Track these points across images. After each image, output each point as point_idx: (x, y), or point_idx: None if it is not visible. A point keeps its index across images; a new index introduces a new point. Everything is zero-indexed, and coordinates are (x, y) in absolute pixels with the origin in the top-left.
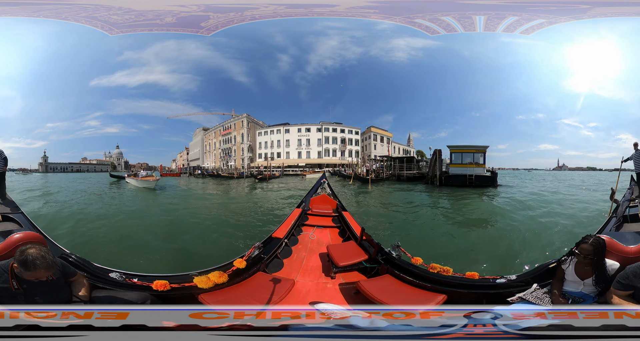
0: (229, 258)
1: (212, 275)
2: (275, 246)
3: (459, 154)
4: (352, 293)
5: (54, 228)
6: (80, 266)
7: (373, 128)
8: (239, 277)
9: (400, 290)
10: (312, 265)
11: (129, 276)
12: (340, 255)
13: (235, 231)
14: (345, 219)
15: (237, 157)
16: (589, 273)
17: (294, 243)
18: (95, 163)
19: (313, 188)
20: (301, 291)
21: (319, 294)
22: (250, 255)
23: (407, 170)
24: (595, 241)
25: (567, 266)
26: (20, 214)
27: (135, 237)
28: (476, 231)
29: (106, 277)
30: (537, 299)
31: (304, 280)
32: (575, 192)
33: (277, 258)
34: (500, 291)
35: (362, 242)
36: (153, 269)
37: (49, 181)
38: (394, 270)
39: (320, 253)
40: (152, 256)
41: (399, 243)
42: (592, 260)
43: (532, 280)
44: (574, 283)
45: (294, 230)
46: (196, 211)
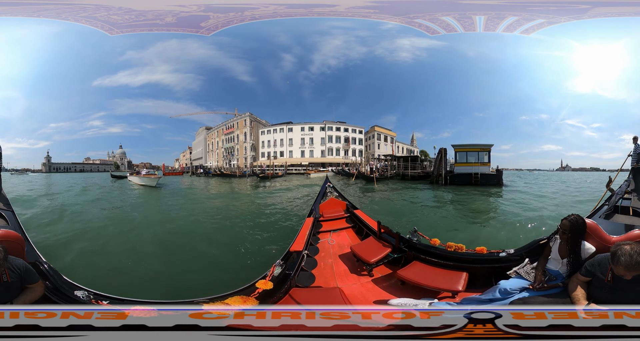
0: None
1: (233, 301)
2: (297, 259)
3: (463, 153)
4: (400, 284)
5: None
6: (46, 276)
7: (377, 127)
8: (272, 298)
9: (432, 273)
10: (343, 269)
11: (98, 298)
12: (367, 253)
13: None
14: (359, 217)
15: (239, 156)
16: (567, 253)
17: (315, 252)
18: (99, 163)
19: (320, 194)
20: (356, 295)
21: (375, 293)
22: (273, 273)
23: (412, 170)
24: (573, 218)
25: (553, 243)
26: (10, 212)
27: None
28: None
29: (68, 294)
30: (527, 274)
31: (347, 284)
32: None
33: (304, 270)
34: (503, 265)
35: (382, 235)
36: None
37: (40, 183)
38: (419, 255)
39: (344, 255)
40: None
41: (415, 228)
42: (567, 236)
43: (525, 255)
44: (555, 261)
45: (311, 240)
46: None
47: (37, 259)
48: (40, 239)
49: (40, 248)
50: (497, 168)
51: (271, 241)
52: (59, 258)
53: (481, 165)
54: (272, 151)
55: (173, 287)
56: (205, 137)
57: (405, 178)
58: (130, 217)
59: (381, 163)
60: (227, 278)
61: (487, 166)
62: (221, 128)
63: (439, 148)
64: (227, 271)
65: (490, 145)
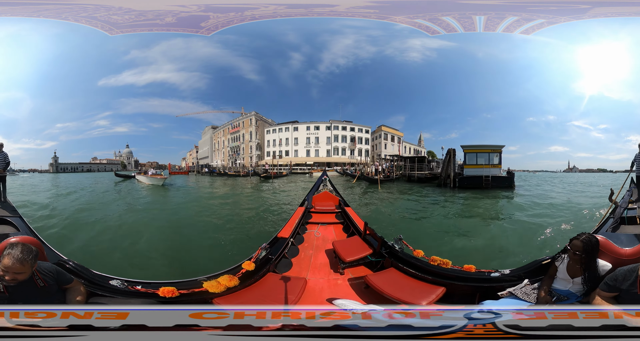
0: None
1: (222, 279)
2: (282, 246)
3: (473, 154)
4: (363, 288)
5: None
6: (77, 274)
7: (384, 127)
8: (250, 279)
9: (404, 283)
10: (320, 263)
11: (132, 284)
12: (346, 251)
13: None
14: (349, 214)
15: (245, 155)
16: (579, 272)
17: (300, 241)
18: (106, 163)
19: (315, 186)
20: (315, 289)
21: (332, 291)
22: (258, 256)
23: (418, 171)
24: (586, 238)
25: (559, 263)
26: (17, 218)
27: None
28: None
29: (106, 284)
30: (525, 295)
31: (315, 277)
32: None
33: (285, 257)
34: (493, 285)
35: (366, 236)
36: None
37: (36, 186)
38: (397, 263)
39: (327, 249)
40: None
41: (401, 236)
42: (580, 257)
43: (524, 275)
44: (563, 281)
45: (299, 229)
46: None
47: (59, 259)
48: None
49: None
50: (508, 170)
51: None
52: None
53: (492, 167)
54: (278, 150)
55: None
56: (211, 136)
57: (412, 179)
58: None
59: (387, 164)
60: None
61: (498, 168)
62: (227, 127)
63: (447, 149)
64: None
65: (502, 146)
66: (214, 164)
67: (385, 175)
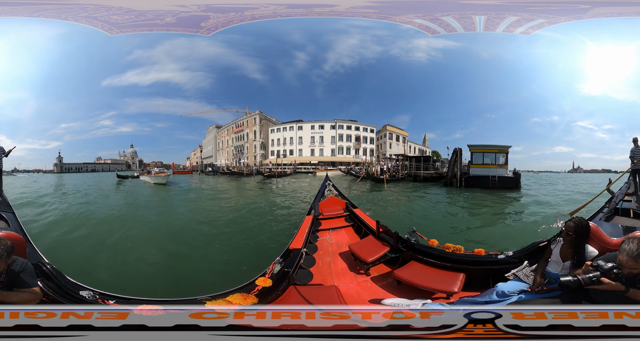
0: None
1: (234, 298)
2: (296, 257)
3: (479, 154)
4: (395, 284)
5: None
6: (50, 277)
7: (389, 126)
8: (271, 295)
9: (429, 273)
10: (341, 268)
11: (104, 297)
12: (365, 252)
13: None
14: (358, 216)
15: (249, 154)
16: (570, 256)
17: (314, 250)
18: (110, 163)
19: (319, 193)
20: (351, 294)
21: (369, 292)
22: (273, 271)
23: (424, 170)
24: (578, 220)
25: (554, 246)
26: (10, 214)
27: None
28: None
29: (74, 294)
30: (525, 276)
31: (343, 283)
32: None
33: (302, 268)
34: (501, 267)
35: (380, 234)
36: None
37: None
38: (416, 255)
39: (343, 253)
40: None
41: (414, 228)
42: (572, 237)
43: (524, 257)
44: (555, 264)
45: (310, 238)
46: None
47: (39, 260)
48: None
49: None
50: (514, 170)
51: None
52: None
53: (499, 167)
54: (282, 149)
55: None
56: (216, 136)
57: (417, 179)
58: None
59: (392, 163)
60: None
61: (505, 168)
62: (231, 126)
63: (453, 148)
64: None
65: (508, 146)
66: (218, 163)
67: (390, 175)
